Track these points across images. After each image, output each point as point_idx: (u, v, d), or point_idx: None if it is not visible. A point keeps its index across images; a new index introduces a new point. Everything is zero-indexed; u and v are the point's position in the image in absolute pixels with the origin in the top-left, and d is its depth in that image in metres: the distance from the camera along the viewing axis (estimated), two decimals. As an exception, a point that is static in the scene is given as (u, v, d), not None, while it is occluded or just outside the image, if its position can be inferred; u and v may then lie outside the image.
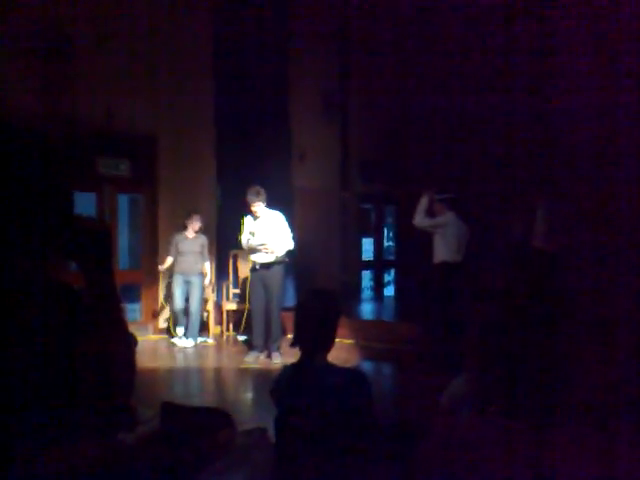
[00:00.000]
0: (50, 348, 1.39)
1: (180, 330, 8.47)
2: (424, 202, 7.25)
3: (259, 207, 7.34)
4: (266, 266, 7.36)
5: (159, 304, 9.12)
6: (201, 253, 8.46)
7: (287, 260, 7.53)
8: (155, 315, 9.15)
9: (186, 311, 8.48)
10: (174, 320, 8.57)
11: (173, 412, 2.92)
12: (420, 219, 7.29)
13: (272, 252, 7.29)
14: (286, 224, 7.49)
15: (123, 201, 9.79)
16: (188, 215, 8.43)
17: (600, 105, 7.03)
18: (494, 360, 3.09)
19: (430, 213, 7.36)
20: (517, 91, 8.47)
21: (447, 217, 7.19)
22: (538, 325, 6.20)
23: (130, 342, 1.51)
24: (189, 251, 8.35)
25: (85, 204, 8.58)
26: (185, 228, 8.42)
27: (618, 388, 5.13)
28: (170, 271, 8.58)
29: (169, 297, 8.79)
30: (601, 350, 5.98)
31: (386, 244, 14.19)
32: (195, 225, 8.41)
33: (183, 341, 8.32)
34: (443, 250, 7.12)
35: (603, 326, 6.39)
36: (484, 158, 9.06)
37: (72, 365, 1.40)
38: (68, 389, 1.40)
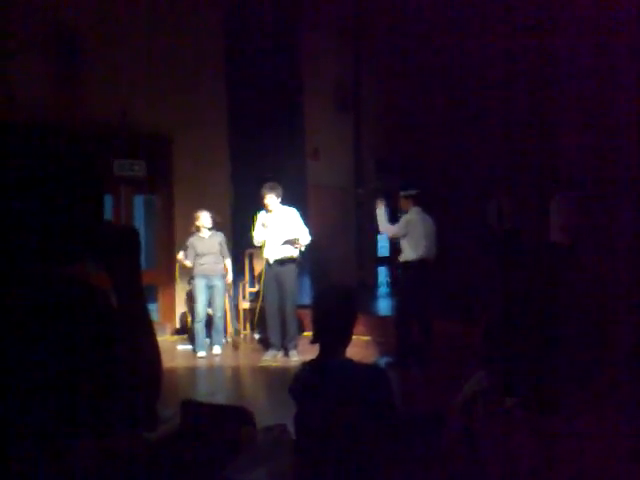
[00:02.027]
0: (86, 351, 1.41)
1: (201, 340, 7.91)
2: (381, 212, 7.28)
3: (271, 200, 7.34)
4: (279, 263, 7.37)
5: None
6: (220, 251, 7.99)
7: (299, 257, 7.52)
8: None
9: (209, 317, 8.05)
10: (194, 330, 7.97)
11: (193, 410, 2.94)
12: (385, 226, 7.31)
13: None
14: (300, 220, 7.50)
15: (139, 202, 9.85)
16: (195, 216, 7.95)
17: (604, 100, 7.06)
18: (511, 354, 3.09)
19: (397, 210, 7.40)
20: (530, 81, 8.48)
21: (412, 213, 7.18)
22: (554, 319, 6.22)
23: (157, 343, 1.53)
24: (208, 252, 7.86)
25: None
26: (198, 229, 7.96)
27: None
28: (189, 275, 8.20)
29: (190, 303, 8.48)
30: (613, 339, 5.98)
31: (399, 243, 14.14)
32: (206, 222, 7.93)
33: (201, 352, 7.85)
34: (408, 249, 7.12)
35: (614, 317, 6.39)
36: (502, 151, 9.04)
37: (107, 367, 1.42)
38: (102, 391, 1.42)
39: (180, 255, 8.13)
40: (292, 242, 7.33)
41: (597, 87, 7.37)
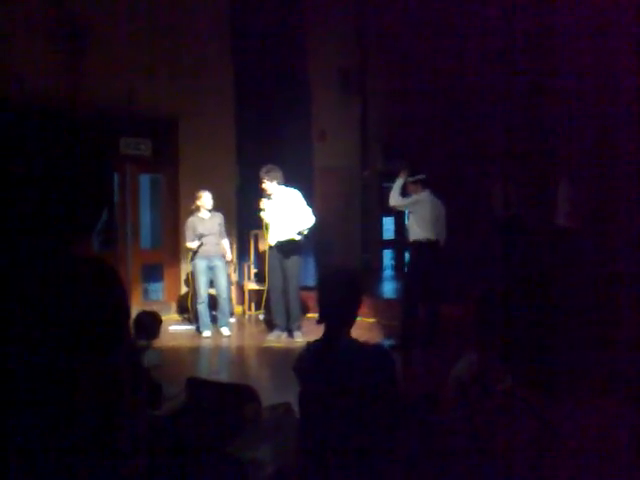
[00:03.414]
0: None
1: (205, 320, 7.91)
2: (399, 183, 7.26)
3: (269, 185, 7.35)
4: (282, 244, 7.38)
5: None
6: (220, 232, 7.99)
7: (302, 239, 7.51)
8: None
9: (212, 298, 8.04)
10: (198, 311, 7.94)
11: (199, 387, 2.97)
12: (396, 199, 7.31)
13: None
14: (303, 201, 7.48)
15: (144, 181, 9.86)
16: (196, 196, 7.93)
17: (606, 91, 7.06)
18: (503, 337, 3.09)
19: (405, 195, 7.39)
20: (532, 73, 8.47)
21: (422, 195, 7.20)
22: (554, 302, 6.24)
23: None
24: (209, 232, 7.84)
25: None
26: (198, 209, 7.94)
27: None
28: (188, 256, 8.12)
29: (190, 283, 8.46)
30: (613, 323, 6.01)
31: (407, 223, 14.13)
32: (207, 203, 7.89)
33: (207, 332, 7.85)
34: (417, 229, 7.14)
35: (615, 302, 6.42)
36: (504, 137, 9.04)
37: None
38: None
39: (190, 245, 7.93)
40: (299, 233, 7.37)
41: (598, 76, 7.35)
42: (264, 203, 7.44)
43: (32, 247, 1.44)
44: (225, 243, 8.14)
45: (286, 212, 7.35)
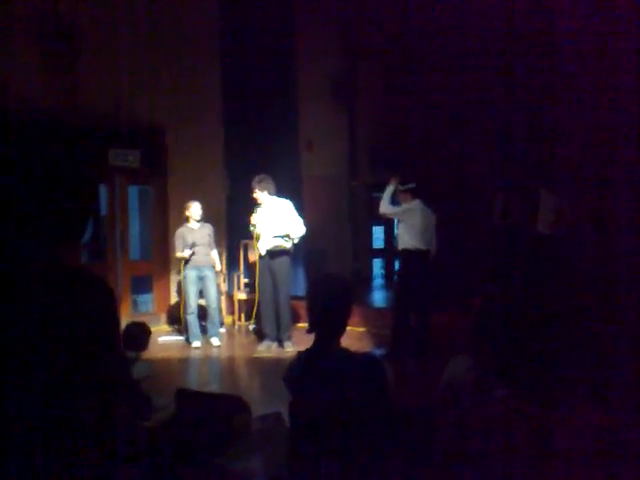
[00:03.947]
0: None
1: (195, 331, 7.89)
2: (389, 190, 7.28)
3: (260, 195, 7.35)
4: (272, 253, 7.36)
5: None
6: (209, 242, 7.98)
7: (292, 248, 7.49)
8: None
9: (202, 308, 8.02)
10: (187, 321, 7.93)
11: (188, 398, 2.94)
12: (386, 207, 7.32)
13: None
14: (294, 211, 7.48)
15: (133, 192, 9.83)
16: (185, 206, 7.95)
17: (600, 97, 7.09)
18: (496, 344, 3.09)
19: (395, 203, 7.42)
20: (523, 78, 8.51)
21: (412, 204, 7.22)
22: (541, 307, 6.27)
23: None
24: (199, 242, 7.84)
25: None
26: (187, 220, 7.94)
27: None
28: (179, 266, 8.14)
29: (180, 293, 8.43)
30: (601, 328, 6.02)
31: (396, 232, 14.16)
32: (195, 213, 7.89)
33: (196, 342, 7.83)
34: (406, 238, 7.15)
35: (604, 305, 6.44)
36: (491, 146, 9.07)
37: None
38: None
39: (180, 254, 7.92)
40: (284, 237, 7.34)
41: (596, 88, 7.38)
42: (255, 218, 7.43)
43: (20, 255, 1.43)
44: (214, 254, 8.12)
45: (277, 222, 7.33)
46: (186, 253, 7.78)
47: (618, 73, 6.95)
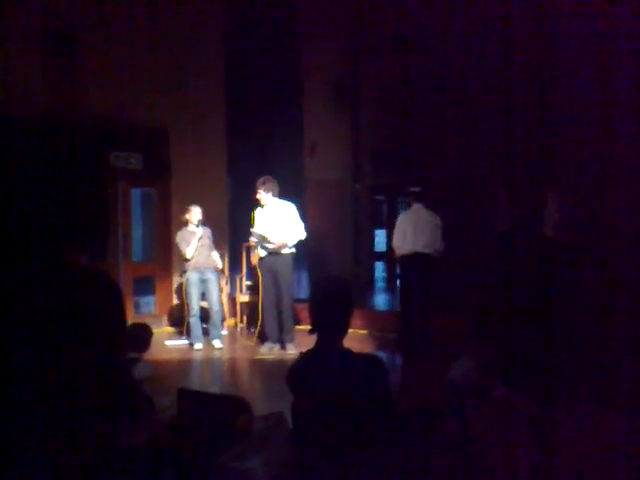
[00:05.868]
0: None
1: (197, 333, 7.89)
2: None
3: (263, 196, 7.35)
4: (274, 255, 7.36)
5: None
6: (209, 245, 8.02)
7: (294, 250, 7.48)
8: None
9: (204, 311, 8.03)
10: (189, 324, 7.92)
11: (190, 399, 2.95)
12: (394, 243, 7.38)
13: (283, 245, 7.30)
14: (297, 215, 7.48)
15: (136, 195, 9.84)
16: (186, 209, 7.99)
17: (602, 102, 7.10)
18: (497, 345, 3.09)
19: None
20: (524, 83, 8.51)
21: (414, 208, 7.31)
22: (546, 311, 6.27)
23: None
24: (200, 244, 7.89)
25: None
26: (186, 223, 7.97)
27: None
28: (181, 268, 8.15)
29: (181, 295, 8.42)
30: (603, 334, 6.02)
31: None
32: (194, 217, 7.93)
33: (198, 345, 7.83)
34: (408, 241, 7.17)
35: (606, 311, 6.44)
36: (495, 148, 9.07)
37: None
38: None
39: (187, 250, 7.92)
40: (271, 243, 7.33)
41: (596, 87, 7.39)
42: (258, 213, 7.44)
43: (34, 257, 1.45)
44: (215, 255, 8.14)
45: (279, 224, 7.33)
46: (192, 247, 7.80)
47: (618, 73, 6.96)
